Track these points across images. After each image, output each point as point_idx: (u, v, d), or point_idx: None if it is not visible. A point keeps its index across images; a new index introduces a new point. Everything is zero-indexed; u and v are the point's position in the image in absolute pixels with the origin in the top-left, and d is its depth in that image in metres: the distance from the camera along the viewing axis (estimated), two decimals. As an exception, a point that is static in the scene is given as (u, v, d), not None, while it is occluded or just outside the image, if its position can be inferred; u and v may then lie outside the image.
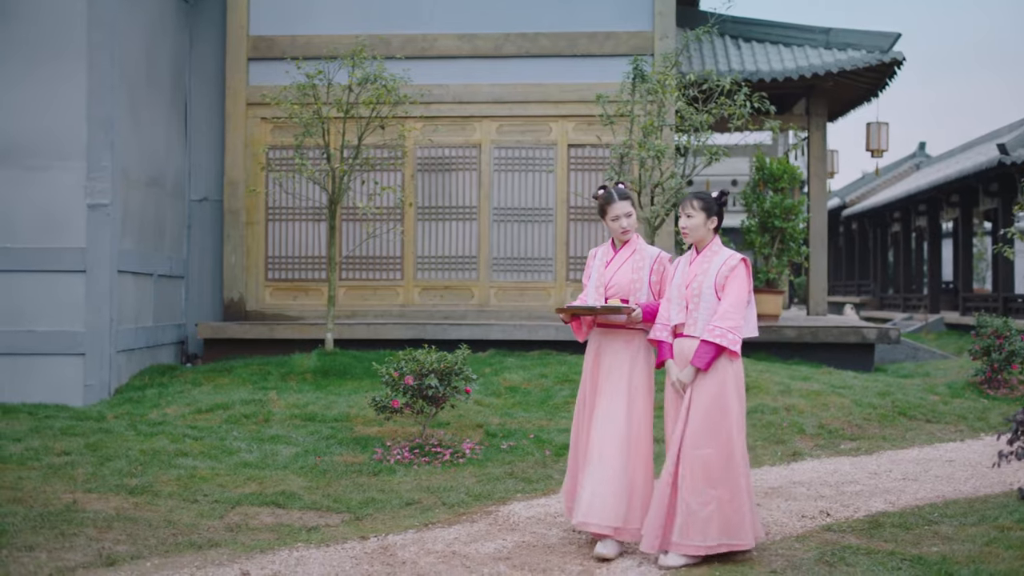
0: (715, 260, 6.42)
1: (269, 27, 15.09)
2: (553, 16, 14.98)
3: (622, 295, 6.72)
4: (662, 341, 6.55)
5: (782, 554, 6.29)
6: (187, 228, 15.20)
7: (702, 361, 6.26)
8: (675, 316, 6.47)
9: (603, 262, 6.90)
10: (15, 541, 6.61)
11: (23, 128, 11.87)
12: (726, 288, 6.34)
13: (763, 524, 7.09)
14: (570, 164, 14.99)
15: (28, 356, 11.77)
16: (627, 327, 6.74)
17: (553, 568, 6.17)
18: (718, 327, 6.25)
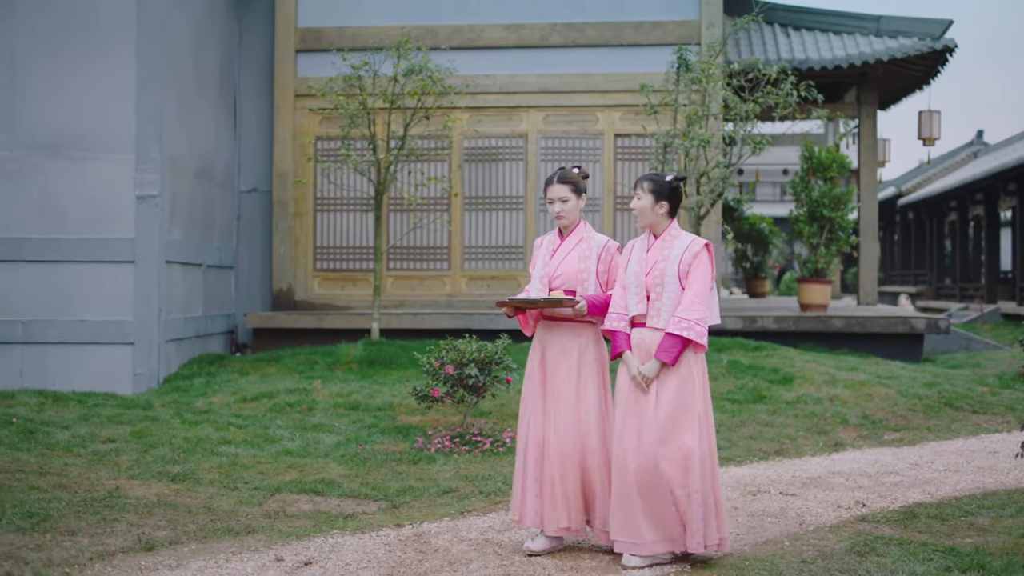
0: (676, 245, 5.98)
1: (317, 19, 15.20)
2: (599, 6, 14.97)
3: (568, 286, 6.28)
4: (617, 331, 6.08)
5: (814, 544, 6.28)
6: (237, 219, 15.36)
7: (669, 356, 5.84)
8: (634, 306, 6.02)
9: (548, 251, 6.45)
10: (58, 526, 6.74)
11: (73, 120, 12.05)
12: (690, 276, 5.90)
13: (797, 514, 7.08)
14: (617, 154, 14.98)
15: (79, 345, 11.97)
16: (574, 319, 6.28)
17: (583, 557, 6.20)
18: (684, 319, 5.82)
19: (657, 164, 12.76)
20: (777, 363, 11.98)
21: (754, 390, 11.02)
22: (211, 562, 6.10)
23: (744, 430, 9.85)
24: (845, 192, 16.13)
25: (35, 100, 12.06)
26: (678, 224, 6.14)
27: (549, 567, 5.98)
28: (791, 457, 9.11)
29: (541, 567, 5.98)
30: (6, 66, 12.04)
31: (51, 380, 11.83)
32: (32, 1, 12.06)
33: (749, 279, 23.83)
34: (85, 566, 6.04)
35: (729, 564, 5.90)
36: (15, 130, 12.05)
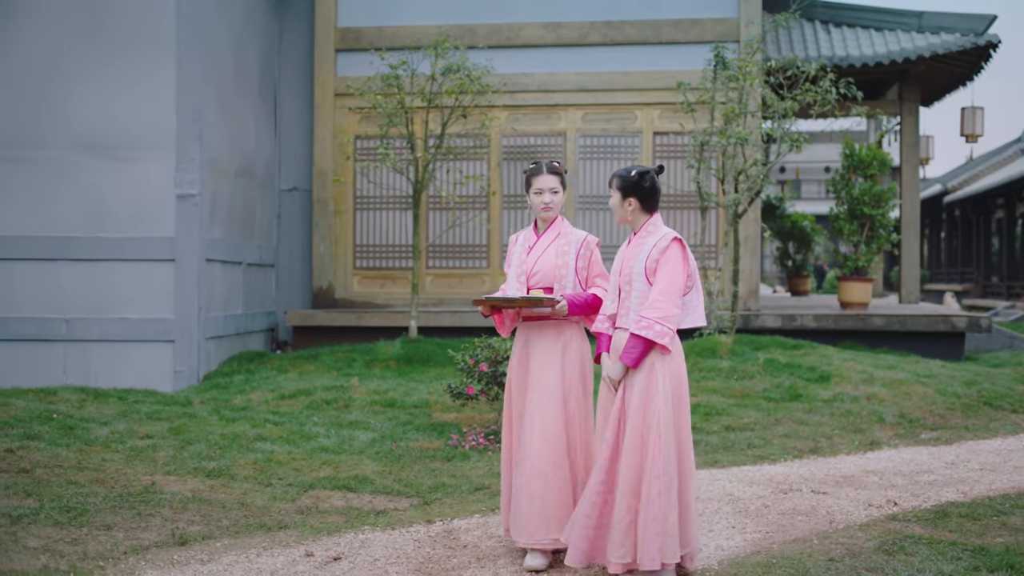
0: (647, 242, 5.67)
1: (357, 18, 15.28)
2: (638, 4, 14.96)
3: (545, 283, 6.06)
4: (601, 333, 5.86)
5: (843, 542, 6.27)
6: (277, 217, 15.47)
7: (629, 357, 5.53)
8: (610, 306, 5.82)
9: (525, 247, 6.21)
10: (94, 520, 6.85)
11: (116, 121, 12.19)
12: (657, 273, 5.58)
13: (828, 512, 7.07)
14: (655, 152, 14.96)
15: (121, 343, 12.11)
16: (557, 318, 6.06)
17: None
18: (644, 318, 5.49)
19: (694, 162, 12.74)
20: (815, 361, 11.94)
21: (790, 388, 10.99)
22: (242, 557, 6.19)
23: (779, 428, 9.83)
24: (886, 190, 16.02)
25: (79, 101, 12.21)
26: (659, 219, 5.81)
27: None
28: (825, 455, 9.08)
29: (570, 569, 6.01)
30: (51, 68, 12.20)
31: (93, 377, 11.98)
32: (76, 4, 12.21)
33: (791, 277, 23.71)
34: (119, 560, 6.14)
35: (755, 562, 5.91)
36: (60, 131, 12.21)
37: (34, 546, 6.35)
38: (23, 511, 6.99)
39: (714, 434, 9.58)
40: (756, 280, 14.83)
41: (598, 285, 6.12)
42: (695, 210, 14.42)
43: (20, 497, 7.30)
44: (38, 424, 9.09)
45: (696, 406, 10.37)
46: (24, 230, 12.16)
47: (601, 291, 6.06)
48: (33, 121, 12.19)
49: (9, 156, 12.19)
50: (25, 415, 9.32)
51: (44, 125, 12.20)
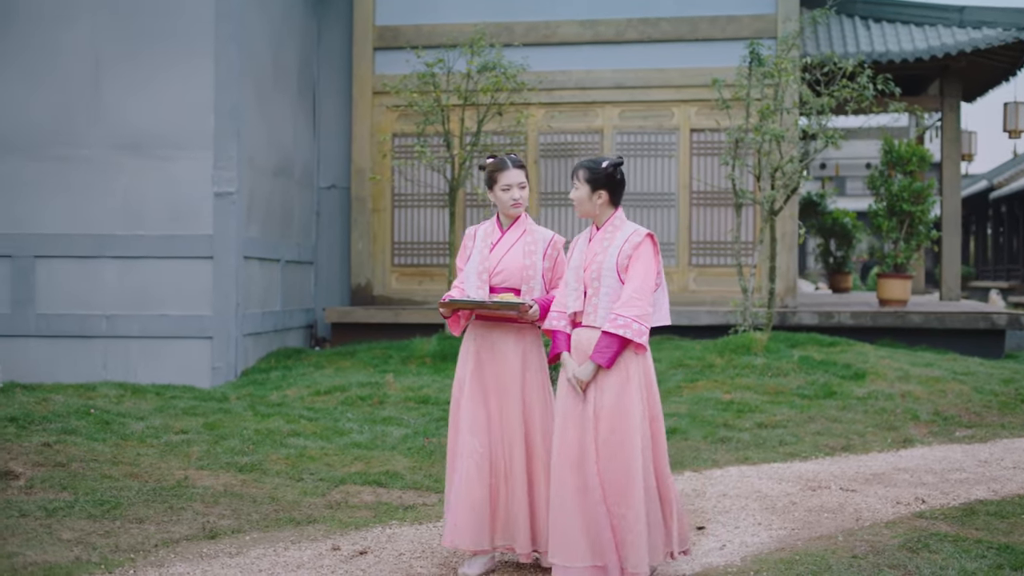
0: (616, 237, 5.45)
1: (395, 17, 15.37)
2: (675, 1, 14.95)
3: (512, 284, 5.74)
4: (557, 331, 5.54)
5: (867, 540, 6.26)
6: (316, 215, 15.59)
7: (604, 357, 5.29)
8: (572, 303, 5.50)
9: (487, 244, 5.84)
10: (127, 513, 6.96)
11: (154, 119, 12.33)
12: (630, 269, 5.37)
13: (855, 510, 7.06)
14: (692, 149, 14.95)
15: (160, 339, 12.26)
16: (520, 322, 5.73)
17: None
18: (621, 316, 5.27)
19: (729, 159, 12.72)
20: (850, 359, 11.89)
21: (824, 386, 10.95)
22: (270, 550, 6.27)
23: (811, 426, 9.80)
24: (925, 186, 15.92)
25: (117, 100, 12.36)
26: (623, 214, 5.61)
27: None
28: (857, 453, 9.04)
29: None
30: (90, 67, 12.36)
31: (132, 373, 12.14)
32: (114, 3, 12.36)
33: (832, 274, 23.59)
34: (150, 552, 6.24)
35: (778, 559, 5.92)
36: (99, 129, 12.37)
37: (68, 538, 6.46)
38: (58, 504, 7.11)
39: (746, 431, 9.57)
40: (793, 277, 14.79)
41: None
42: (730, 207, 14.38)
43: (56, 490, 7.43)
44: (76, 419, 9.22)
45: (729, 403, 10.37)
46: (65, 228, 12.33)
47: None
48: (73, 120, 12.36)
49: (50, 155, 12.36)
50: (63, 410, 9.46)
51: (84, 124, 12.37)
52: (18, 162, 12.38)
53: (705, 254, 14.91)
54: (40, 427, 8.85)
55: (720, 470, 8.36)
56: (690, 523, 5.64)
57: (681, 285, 14.85)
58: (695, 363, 11.75)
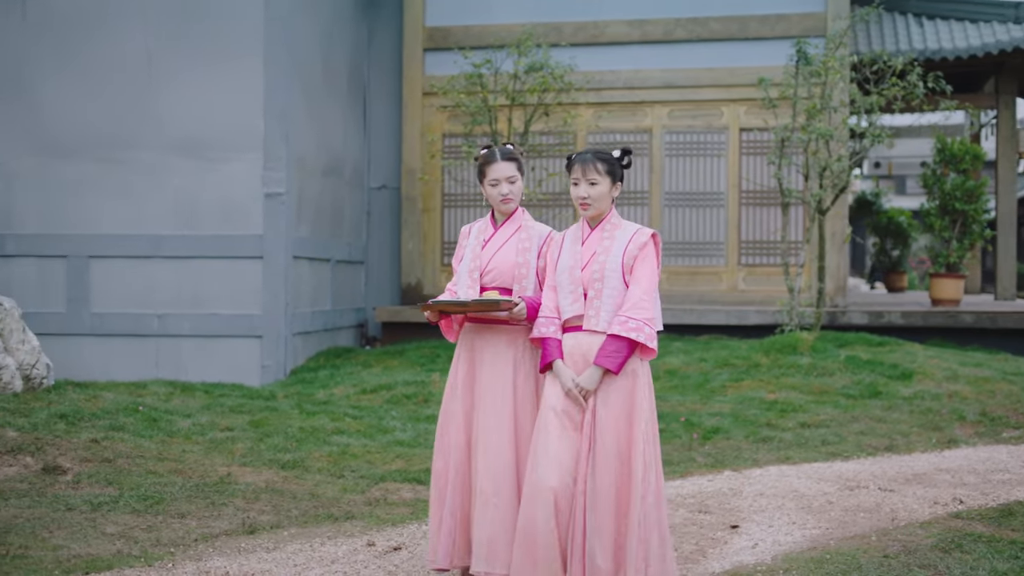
0: (619, 236, 5.10)
1: (444, 18, 15.46)
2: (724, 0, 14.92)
3: (502, 283, 5.36)
4: (548, 338, 5.12)
5: (900, 539, 6.25)
6: (367, 215, 15.72)
7: (613, 361, 4.92)
8: (568, 307, 5.09)
9: (479, 241, 5.49)
10: (170, 509, 7.11)
11: (205, 121, 12.51)
12: (636, 271, 5.01)
13: (892, 510, 7.04)
14: (742, 148, 14.92)
15: (211, 338, 12.44)
16: (510, 322, 5.34)
17: (667, 547, 6.28)
18: (632, 319, 4.91)
19: (775, 158, 12.69)
20: (898, 359, 11.81)
21: (870, 385, 10.89)
22: (306, 545, 6.37)
23: (855, 425, 9.76)
24: (978, 184, 15.77)
25: (169, 102, 12.55)
26: (616, 210, 5.25)
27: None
28: (900, 453, 9.00)
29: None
30: (143, 70, 12.57)
31: (183, 371, 12.32)
32: (166, 8, 12.55)
33: (887, 273, 23.41)
34: (190, 547, 6.37)
35: (809, 558, 5.93)
36: (151, 131, 12.56)
37: (111, 532, 6.61)
38: (103, 499, 7.27)
39: (789, 431, 9.56)
40: (844, 276, 14.71)
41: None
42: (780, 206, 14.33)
43: (102, 485, 7.59)
44: (124, 416, 9.40)
45: (772, 403, 10.36)
46: (119, 229, 12.54)
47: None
48: (126, 122, 12.57)
49: (104, 157, 12.58)
50: (112, 407, 9.65)
51: (136, 126, 12.57)
52: (75, 164, 12.62)
53: (754, 253, 14.87)
54: (89, 424, 9.04)
55: (760, 469, 8.36)
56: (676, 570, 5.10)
57: (730, 285, 14.84)
58: (741, 363, 11.73)
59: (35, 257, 12.60)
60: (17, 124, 12.70)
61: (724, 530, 6.68)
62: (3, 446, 8.10)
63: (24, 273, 12.58)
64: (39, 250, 12.59)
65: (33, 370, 9.84)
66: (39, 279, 12.58)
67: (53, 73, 12.65)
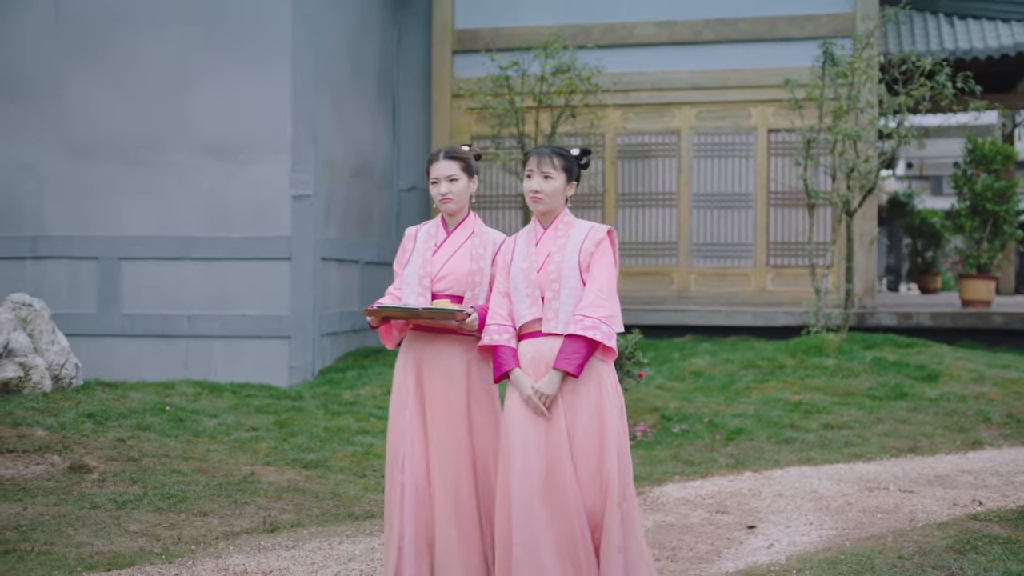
0: (573, 234, 4.86)
1: (473, 20, 15.53)
2: (752, 1, 14.91)
3: (455, 291, 5.08)
4: (501, 346, 4.82)
5: (916, 540, 6.25)
6: (396, 216, 15.80)
7: (572, 363, 4.63)
8: (525, 311, 4.82)
9: (430, 246, 5.17)
10: (193, 507, 7.20)
11: (232, 124, 12.62)
12: (592, 268, 4.78)
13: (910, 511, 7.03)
14: (770, 149, 14.91)
15: (240, 339, 12.54)
16: (460, 331, 5.05)
17: (682, 547, 6.32)
18: (588, 316, 4.66)
19: (801, 159, 12.67)
20: (925, 360, 11.76)
21: (896, 387, 10.86)
22: (325, 543, 6.45)
23: (879, 427, 9.74)
24: (1010, 185, 15.68)
25: (198, 105, 12.67)
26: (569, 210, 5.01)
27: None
28: (923, 455, 8.98)
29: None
30: (175, 74, 12.69)
31: (213, 372, 12.43)
32: (196, 12, 12.67)
33: (920, 274, 23.30)
34: (210, 544, 6.46)
35: (823, 558, 5.95)
36: (181, 134, 12.69)
37: (134, 530, 6.70)
38: (127, 497, 7.37)
39: (812, 432, 9.55)
40: (872, 277, 14.68)
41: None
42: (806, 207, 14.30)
43: (126, 484, 7.69)
44: (151, 416, 9.51)
45: (797, 404, 10.35)
46: (149, 230, 12.67)
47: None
48: (156, 125, 12.70)
49: (134, 159, 12.72)
50: (140, 407, 9.76)
51: (166, 129, 12.70)
52: (106, 167, 12.75)
53: (783, 255, 14.85)
54: (116, 423, 9.15)
55: (781, 470, 8.37)
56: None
57: (759, 286, 14.82)
58: (766, 364, 11.72)
59: (67, 259, 12.75)
60: (49, 127, 12.85)
61: (741, 530, 6.70)
62: (31, 445, 8.22)
63: (56, 274, 12.74)
64: (71, 252, 12.74)
65: (62, 370, 9.97)
66: (71, 280, 12.73)
67: (84, 76, 12.80)
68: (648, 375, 11.17)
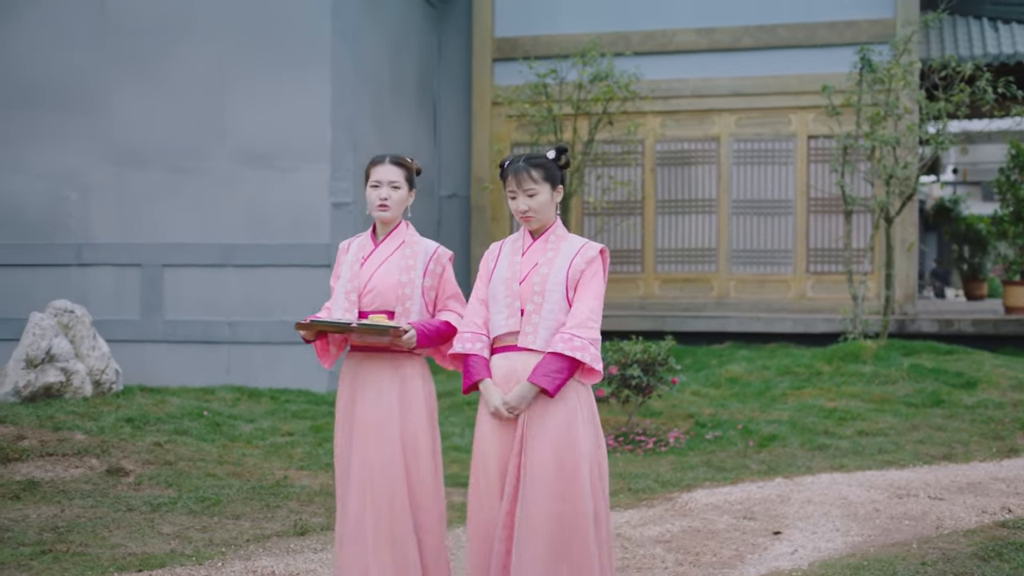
0: (563, 248, 4.60)
1: (513, 28, 15.62)
2: (792, 7, 14.90)
3: (384, 305, 4.84)
4: (473, 355, 4.60)
5: (941, 547, 6.25)
6: (437, 223, 15.91)
7: (551, 382, 4.39)
8: (502, 322, 4.58)
9: (358, 258, 4.95)
10: (225, 510, 7.32)
11: (273, 132, 12.76)
12: (583, 287, 4.53)
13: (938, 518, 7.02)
14: (810, 155, 14.88)
15: (280, 345, 12.67)
16: (392, 349, 4.82)
17: (706, 552, 6.35)
18: (578, 336, 4.42)
19: (838, 165, 12.65)
20: (963, 367, 11.70)
21: (933, 394, 10.82)
22: (352, 547, 6.52)
23: (914, 434, 9.71)
24: (1052, 191, 15.57)
25: (239, 114, 12.82)
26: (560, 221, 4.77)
27: (668, 560, 6.16)
28: (958, 462, 8.94)
29: (660, 559, 6.17)
30: (215, 83, 12.86)
31: (254, 377, 12.57)
32: (237, 21, 12.83)
33: (966, 281, 23.11)
34: (241, 547, 6.56)
35: (846, 564, 5.96)
36: (224, 142, 12.85)
37: (167, 532, 6.83)
38: (163, 500, 7.51)
39: (846, 439, 9.54)
40: (913, 284, 14.60)
41: (451, 309, 4.97)
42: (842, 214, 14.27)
43: (162, 487, 7.83)
44: (189, 420, 9.66)
45: (832, 411, 10.34)
46: (191, 238, 12.83)
47: (454, 316, 4.91)
48: (198, 133, 12.87)
49: (177, 167, 12.89)
50: (178, 412, 9.91)
51: (208, 137, 12.87)
52: (149, 175, 12.94)
53: (823, 261, 14.81)
54: (154, 427, 9.30)
55: (812, 477, 8.36)
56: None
57: (798, 292, 14.79)
58: (803, 370, 11.71)
59: (111, 266, 12.93)
60: (94, 136, 13.05)
61: (766, 536, 6.72)
62: (70, 448, 8.38)
63: (101, 281, 12.92)
64: (115, 259, 12.92)
65: (103, 375, 10.14)
66: (115, 287, 12.91)
67: (128, 85, 12.99)
68: (683, 382, 11.20)
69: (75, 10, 13.06)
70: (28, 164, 13.12)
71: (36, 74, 13.14)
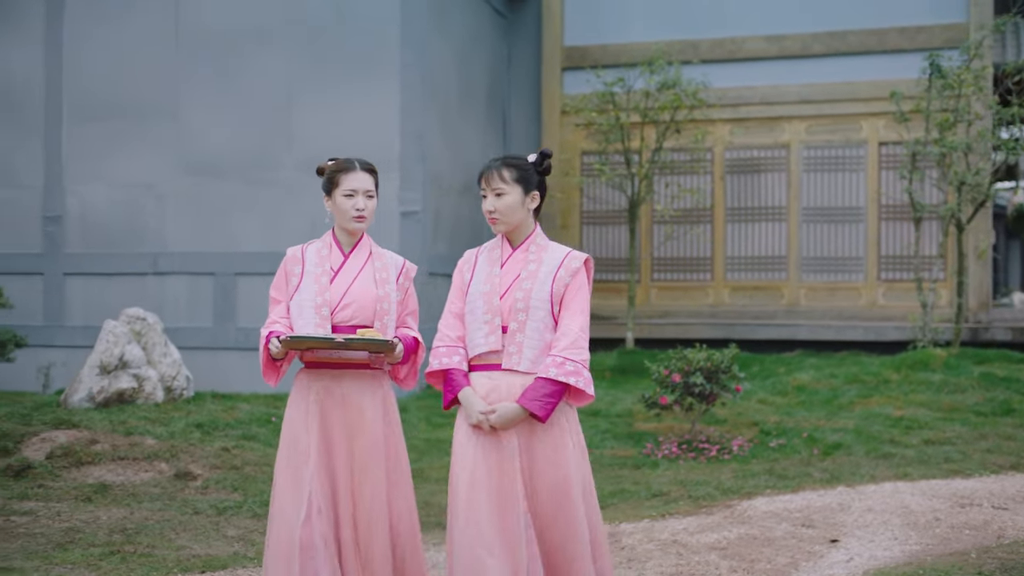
0: (546, 259, 4.39)
1: (582, 37, 15.68)
2: (862, 13, 14.78)
3: (362, 320, 4.63)
4: (452, 370, 4.37)
5: (1000, 557, 6.19)
6: (506, 232, 15.98)
7: (543, 408, 4.21)
8: (481, 340, 4.35)
9: (325, 270, 4.72)
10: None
11: (342, 142, 12.87)
12: (569, 302, 4.33)
13: (1000, 528, 6.95)
14: (881, 162, 14.75)
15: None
16: (371, 366, 4.65)
17: (761, 559, 6.35)
18: (571, 360, 4.23)
19: (906, 172, 12.55)
20: (1037, 376, 11.55)
21: (1004, 403, 10.68)
22: (410, 551, 6.61)
23: (982, 443, 9.59)
24: None
25: (307, 124, 13.01)
26: (541, 229, 4.56)
27: (722, 567, 6.18)
28: (1025, 472, 8.84)
29: (713, 565, 6.19)
30: (283, 93, 13.07)
31: (324, 384, 12.72)
32: (307, 33, 13.03)
33: (1048, 289, 22.76)
34: (301, 550, 6.67)
35: (901, 573, 5.93)
36: (291, 152, 13.06)
37: (231, 535, 6.98)
38: (228, 503, 7.67)
39: (911, 448, 9.46)
40: (987, 291, 14.40)
41: (409, 325, 4.83)
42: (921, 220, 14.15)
43: (228, 491, 7.99)
44: (256, 426, 9.82)
45: (898, 419, 10.25)
46: (262, 246, 13.03)
47: (414, 332, 4.80)
48: (268, 143, 13.09)
49: (248, 177, 13.11)
50: (247, 417, 10.08)
51: (277, 148, 13.08)
52: (222, 184, 13.18)
53: (894, 269, 14.67)
54: (222, 433, 9.47)
55: (875, 485, 8.31)
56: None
57: (869, 300, 14.67)
58: (871, 379, 11.62)
59: (185, 274, 13.19)
60: (170, 146, 13.33)
61: (823, 544, 6.70)
62: (141, 453, 8.58)
63: (175, 289, 13.19)
64: (189, 268, 13.18)
65: (174, 381, 10.34)
66: (189, 295, 13.17)
67: (201, 96, 13.25)
68: (749, 390, 11.18)
69: (150, 24, 13.36)
70: (106, 174, 13.45)
71: (114, 87, 13.46)
